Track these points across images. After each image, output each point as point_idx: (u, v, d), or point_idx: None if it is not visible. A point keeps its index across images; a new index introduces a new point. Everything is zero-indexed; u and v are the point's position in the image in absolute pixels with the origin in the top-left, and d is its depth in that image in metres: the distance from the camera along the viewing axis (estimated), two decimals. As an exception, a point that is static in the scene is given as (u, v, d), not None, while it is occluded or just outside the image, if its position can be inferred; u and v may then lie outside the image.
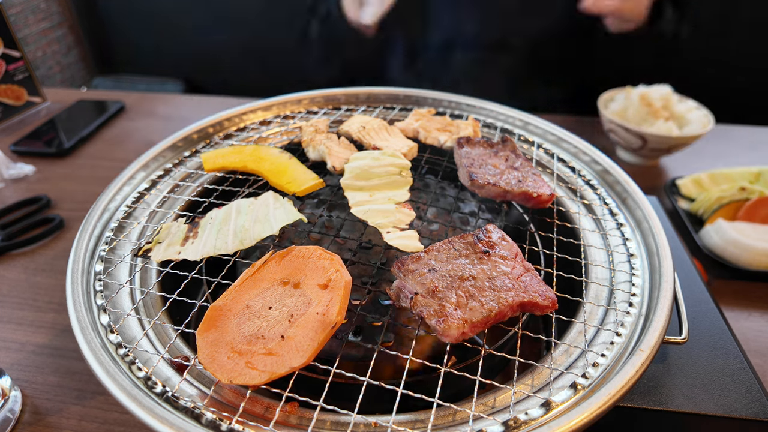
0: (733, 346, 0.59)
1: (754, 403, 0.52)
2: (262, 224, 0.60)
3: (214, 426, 0.42)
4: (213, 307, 0.48)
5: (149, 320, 0.54)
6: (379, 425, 0.43)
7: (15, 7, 2.58)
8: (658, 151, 1.19)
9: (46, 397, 0.67)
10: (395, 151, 0.73)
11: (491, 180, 0.67)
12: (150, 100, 1.59)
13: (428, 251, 0.54)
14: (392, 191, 0.66)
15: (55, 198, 1.10)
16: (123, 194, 0.71)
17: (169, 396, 0.45)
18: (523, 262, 0.54)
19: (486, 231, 0.57)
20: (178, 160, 0.80)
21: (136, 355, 0.49)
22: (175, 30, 2.90)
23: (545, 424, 0.41)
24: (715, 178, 1.09)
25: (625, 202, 0.71)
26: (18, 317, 0.80)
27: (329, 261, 0.50)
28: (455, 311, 0.47)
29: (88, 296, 0.55)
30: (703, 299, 0.66)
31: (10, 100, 1.41)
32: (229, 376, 0.43)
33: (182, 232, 0.61)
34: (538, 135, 0.88)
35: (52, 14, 2.84)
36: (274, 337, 0.45)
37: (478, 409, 0.45)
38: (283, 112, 0.95)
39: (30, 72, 1.45)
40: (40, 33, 2.75)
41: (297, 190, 0.67)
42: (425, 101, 0.98)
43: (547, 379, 0.48)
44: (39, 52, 2.75)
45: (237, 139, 0.86)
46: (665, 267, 0.58)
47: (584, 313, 0.55)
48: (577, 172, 0.79)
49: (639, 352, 0.47)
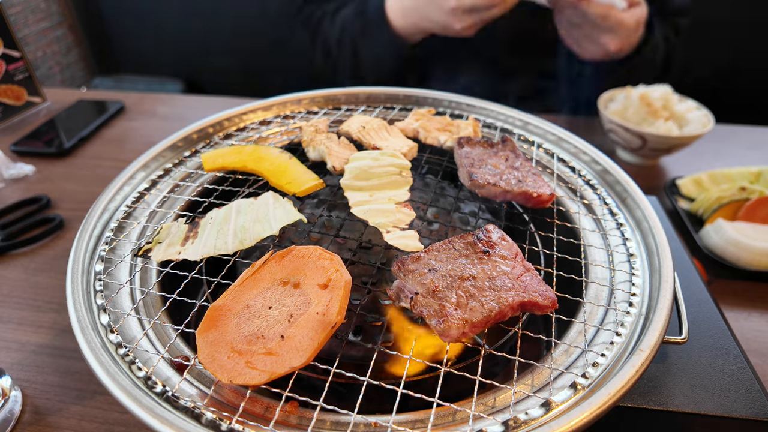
0: (732, 346, 0.59)
1: (754, 403, 0.52)
2: (261, 224, 0.60)
3: (214, 426, 0.42)
4: (213, 307, 0.48)
5: (149, 320, 0.54)
6: (379, 425, 0.43)
7: (15, 7, 2.58)
8: (658, 151, 1.19)
9: (46, 397, 0.67)
10: (395, 151, 0.73)
11: (491, 180, 0.67)
12: (150, 100, 1.59)
13: (428, 251, 0.54)
14: (392, 191, 0.66)
15: (55, 198, 1.10)
16: (123, 194, 0.71)
17: (169, 396, 0.45)
18: (523, 261, 0.54)
19: (486, 231, 0.57)
20: (178, 160, 0.80)
21: (136, 355, 0.49)
22: (175, 30, 2.90)
23: (545, 424, 0.41)
24: (715, 178, 1.09)
25: (625, 202, 0.71)
26: (18, 317, 0.80)
27: (329, 261, 0.50)
28: (455, 311, 0.47)
29: (88, 296, 0.55)
30: (703, 299, 0.66)
31: (10, 100, 1.41)
32: (229, 376, 0.43)
33: (182, 232, 0.61)
34: (538, 135, 0.88)
35: (51, 14, 2.84)
36: (274, 337, 0.45)
37: (478, 409, 0.45)
38: (283, 112, 0.95)
39: (30, 72, 1.45)
40: (39, 33, 2.75)
41: (297, 190, 0.67)
42: (425, 101, 0.98)
43: (547, 379, 0.48)
44: (39, 52, 2.75)
45: (237, 139, 0.86)
46: (665, 267, 0.58)
47: (584, 313, 0.55)
48: (577, 172, 0.79)
49: (639, 352, 0.47)
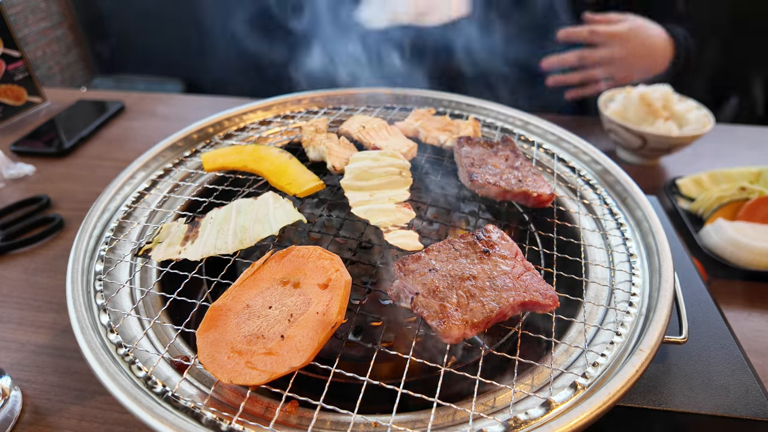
0: (732, 346, 0.59)
1: (753, 403, 0.52)
2: (261, 224, 0.60)
3: (214, 426, 0.42)
4: (213, 307, 0.48)
5: (149, 320, 0.54)
6: (379, 425, 0.43)
7: (15, 7, 2.58)
8: (658, 151, 1.19)
9: (46, 397, 0.67)
10: (395, 151, 0.73)
11: (491, 180, 0.67)
12: (150, 100, 1.59)
13: (428, 251, 0.54)
14: (392, 191, 0.66)
15: (55, 198, 1.10)
16: (123, 194, 0.71)
17: (169, 396, 0.45)
18: (524, 261, 0.54)
19: (485, 231, 0.57)
20: (178, 160, 0.80)
21: (136, 355, 0.49)
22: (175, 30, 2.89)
23: (545, 424, 0.41)
24: (715, 178, 1.09)
25: (625, 202, 0.71)
26: (18, 317, 0.80)
27: (329, 261, 0.50)
28: (456, 312, 0.47)
29: (88, 296, 0.55)
30: (703, 299, 0.66)
31: (10, 100, 1.41)
32: (229, 376, 0.43)
33: (182, 231, 0.61)
34: (538, 135, 0.88)
35: (51, 14, 2.84)
36: (274, 337, 0.45)
37: (478, 409, 0.45)
38: (283, 112, 0.95)
39: (30, 72, 1.45)
40: (39, 33, 2.75)
41: (298, 191, 0.67)
42: (425, 101, 0.98)
43: (547, 378, 0.48)
44: (39, 52, 2.75)
45: (237, 139, 0.86)
46: (665, 267, 0.58)
47: (584, 312, 0.55)
48: (577, 171, 0.79)
49: (639, 351, 0.47)
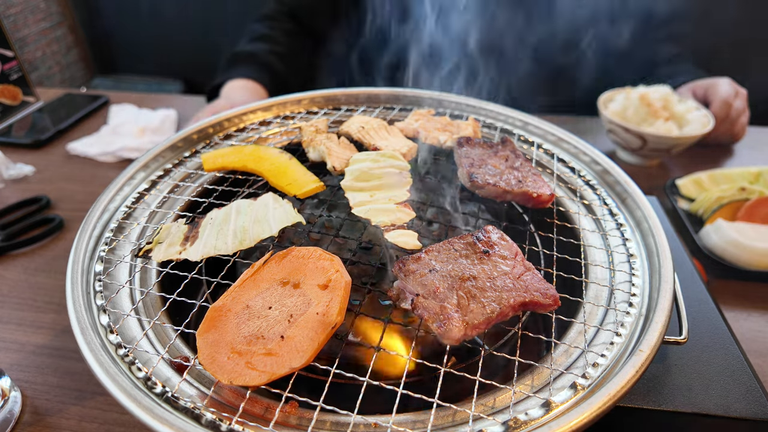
0: (732, 346, 0.59)
1: (753, 403, 0.52)
2: (261, 225, 0.60)
3: (213, 426, 0.42)
4: (213, 308, 0.48)
5: (149, 320, 0.54)
6: (379, 425, 0.43)
7: (15, 7, 2.57)
8: (658, 152, 1.19)
9: (46, 398, 0.67)
10: (394, 152, 0.73)
11: (491, 180, 0.67)
12: (150, 100, 1.59)
13: (428, 252, 0.54)
14: (392, 191, 0.66)
15: (55, 198, 1.10)
16: (123, 194, 0.71)
17: (168, 396, 0.45)
18: (524, 261, 0.54)
19: (485, 231, 0.57)
20: (178, 161, 0.80)
21: (136, 356, 0.49)
22: (175, 30, 2.89)
23: (545, 424, 0.41)
24: (715, 178, 1.10)
25: (624, 203, 0.71)
26: (18, 317, 0.80)
27: (329, 261, 0.50)
28: (456, 313, 0.47)
29: (88, 296, 0.55)
30: (703, 299, 0.66)
31: (7, 100, 1.42)
32: (229, 377, 0.43)
33: (182, 232, 0.61)
34: (538, 135, 0.88)
35: (51, 14, 2.83)
36: (273, 338, 0.45)
37: (477, 409, 0.45)
38: (282, 113, 0.95)
39: (23, 71, 1.45)
40: (39, 33, 2.75)
41: (298, 192, 0.67)
42: (425, 101, 0.98)
43: (547, 379, 0.48)
44: (38, 52, 2.75)
45: (237, 140, 0.86)
46: (665, 267, 0.58)
47: (584, 313, 0.55)
48: (577, 172, 0.79)
49: (639, 352, 0.47)
